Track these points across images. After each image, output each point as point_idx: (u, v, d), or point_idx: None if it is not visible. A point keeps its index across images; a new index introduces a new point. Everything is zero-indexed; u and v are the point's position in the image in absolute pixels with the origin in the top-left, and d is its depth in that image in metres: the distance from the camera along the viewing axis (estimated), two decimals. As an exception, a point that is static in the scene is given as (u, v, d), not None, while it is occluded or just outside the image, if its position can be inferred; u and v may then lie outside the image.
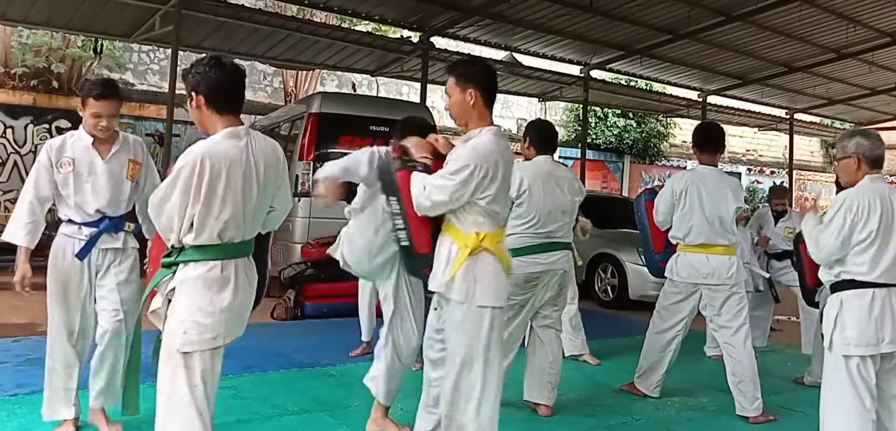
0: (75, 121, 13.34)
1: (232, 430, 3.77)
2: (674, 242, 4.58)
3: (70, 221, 3.40)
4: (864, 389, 2.98)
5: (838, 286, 3.08)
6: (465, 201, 2.83)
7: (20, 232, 3.30)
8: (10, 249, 3.42)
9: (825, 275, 3.17)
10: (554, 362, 4.24)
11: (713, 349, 6.06)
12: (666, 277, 4.63)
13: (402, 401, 3.93)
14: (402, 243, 3.04)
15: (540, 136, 4.42)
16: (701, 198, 4.36)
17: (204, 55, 2.58)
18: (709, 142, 4.56)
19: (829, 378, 3.09)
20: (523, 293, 4.17)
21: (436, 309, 3.03)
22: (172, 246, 2.47)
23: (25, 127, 11.37)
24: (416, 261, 3.07)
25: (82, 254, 3.38)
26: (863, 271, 2.99)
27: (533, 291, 4.19)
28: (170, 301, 2.48)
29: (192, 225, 2.41)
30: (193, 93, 2.52)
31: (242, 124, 2.57)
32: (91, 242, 3.38)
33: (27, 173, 3.41)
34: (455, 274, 2.84)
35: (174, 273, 2.46)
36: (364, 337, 5.48)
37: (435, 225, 2.96)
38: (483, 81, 2.95)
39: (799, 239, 5.38)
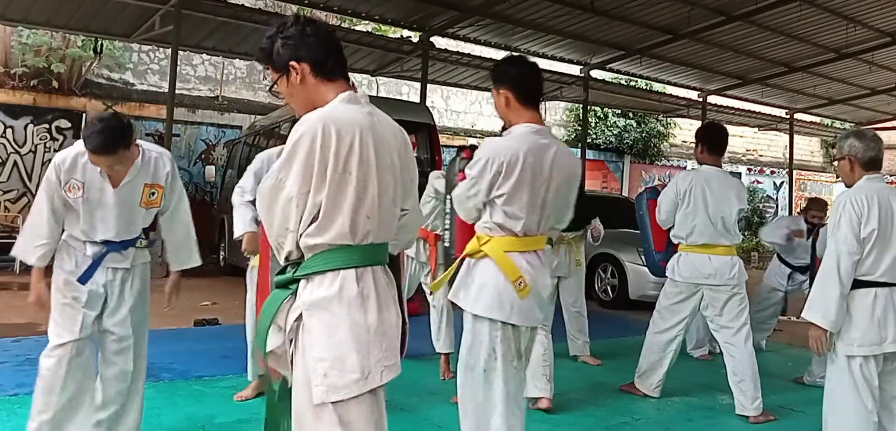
0: (75, 122, 13.29)
1: (232, 430, 3.78)
2: (675, 241, 4.59)
3: (73, 237, 3.07)
4: (867, 389, 2.97)
5: None
6: (482, 199, 2.69)
7: (34, 253, 2.97)
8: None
9: None
10: (545, 354, 4.25)
11: (699, 350, 6.06)
12: (667, 277, 4.63)
13: (404, 399, 3.94)
14: (445, 244, 3.06)
15: None
16: (705, 198, 4.37)
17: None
18: (716, 142, 4.57)
19: (832, 378, 3.09)
20: None
21: None
22: (286, 258, 1.82)
23: (25, 127, 11.36)
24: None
25: (84, 279, 3.03)
26: (865, 270, 2.98)
27: None
28: (292, 338, 1.80)
29: (316, 217, 1.76)
30: (296, 62, 1.88)
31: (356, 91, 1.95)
32: (95, 265, 3.03)
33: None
34: (450, 277, 2.82)
35: (295, 294, 1.80)
36: None
37: None
38: (513, 80, 2.75)
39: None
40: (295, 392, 1.78)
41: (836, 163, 3.27)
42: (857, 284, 2.99)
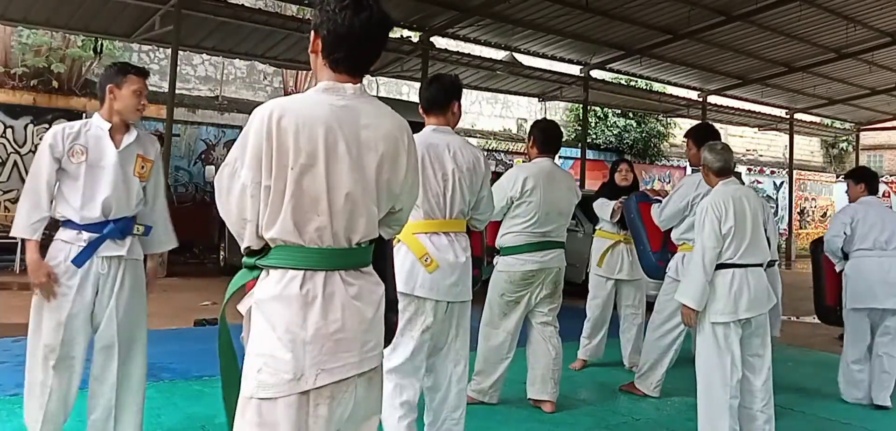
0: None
1: (232, 430, 3.77)
2: (677, 243, 4.58)
3: (69, 223, 3.00)
4: (727, 350, 3.64)
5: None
6: None
7: (35, 228, 2.95)
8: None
9: None
10: (556, 358, 4.26)
11: None
12: (668, 277, 4.62)
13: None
14: None
15: (545, 137, 4.42)
16: None
17: None
18: None
19: (700, 344, 3.74)
20: (519, 290, 4.21)
21: None
22: (247, 250, 1.78)
23: (25, 127, 11.38)
24: None
25: (80, 261, 2.98)
26: (726, 257, 3.67)
27: (528, 289, 4.22)
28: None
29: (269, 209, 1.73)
30: (316, 33, 1.84)
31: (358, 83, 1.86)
32: (92, 247, 2.99)
33: (27, 173, 3.14)
34: None
35: (256, 280, 1.79)
36: None
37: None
38: (420, 93, 3.39)
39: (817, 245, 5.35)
40: (243, 381, 1.75)
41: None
42: (721, 266, 3.67)
